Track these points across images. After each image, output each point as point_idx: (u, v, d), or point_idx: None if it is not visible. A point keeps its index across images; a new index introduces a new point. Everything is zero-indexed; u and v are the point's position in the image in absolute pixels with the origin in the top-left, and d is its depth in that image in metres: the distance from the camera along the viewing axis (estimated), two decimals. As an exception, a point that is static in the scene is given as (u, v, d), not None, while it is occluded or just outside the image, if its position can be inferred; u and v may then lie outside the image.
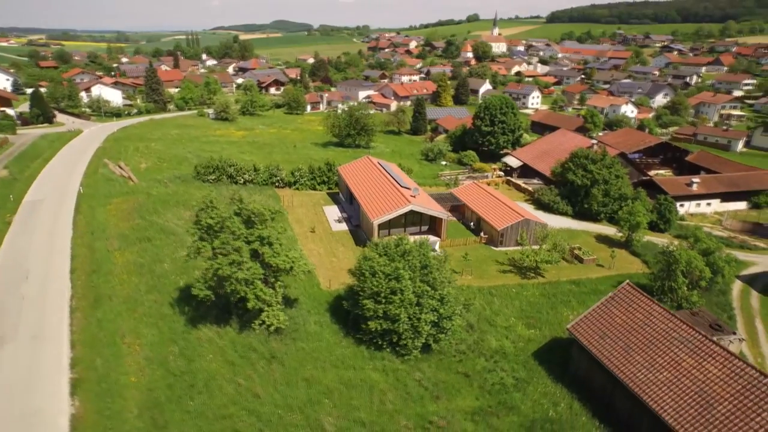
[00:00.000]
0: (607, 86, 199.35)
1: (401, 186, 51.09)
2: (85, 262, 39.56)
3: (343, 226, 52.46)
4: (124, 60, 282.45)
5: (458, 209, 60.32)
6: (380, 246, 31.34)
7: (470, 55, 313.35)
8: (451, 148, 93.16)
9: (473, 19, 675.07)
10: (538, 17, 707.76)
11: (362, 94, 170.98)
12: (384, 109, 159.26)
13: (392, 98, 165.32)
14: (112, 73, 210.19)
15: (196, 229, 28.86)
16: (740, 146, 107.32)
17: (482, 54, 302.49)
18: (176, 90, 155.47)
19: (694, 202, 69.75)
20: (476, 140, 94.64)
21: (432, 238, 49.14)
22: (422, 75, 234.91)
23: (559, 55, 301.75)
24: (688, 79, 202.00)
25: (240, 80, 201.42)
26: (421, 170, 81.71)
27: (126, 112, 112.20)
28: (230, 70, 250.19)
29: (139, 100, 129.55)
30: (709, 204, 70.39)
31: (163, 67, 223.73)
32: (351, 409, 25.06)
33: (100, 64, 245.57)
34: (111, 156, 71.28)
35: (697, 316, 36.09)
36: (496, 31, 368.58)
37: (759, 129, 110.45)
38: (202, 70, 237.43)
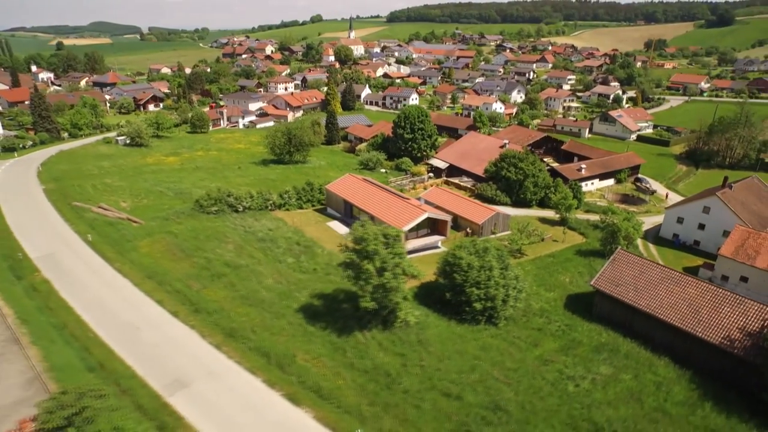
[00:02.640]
0: (467, 84, 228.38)
1: (404, 197, 61.33)
2: (178, 304, 42.53)
3: (358, 238, 60.78)
4: None
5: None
6: (464, 247, 41.92)
7: (332, 58, 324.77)
8: (386, 156, 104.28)
9: (317, 20, 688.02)
10: (378, 17, 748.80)
11: (253, 107, 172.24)
12: (283, 120, 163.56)
13: (287, 109, 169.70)
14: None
15: (355, 254, 36.10)
16: (587, 133, 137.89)
17: (344, 57, 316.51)
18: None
19: (583, 183, 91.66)
20: (400, 147, 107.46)
21: (436, 237, 60.51)
22: (297, 82, 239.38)
23: (414, 56, 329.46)
24: (528, 76, 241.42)
25: (107, 97, 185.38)
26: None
27: (20, 146, 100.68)
28: (83, 85, 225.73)
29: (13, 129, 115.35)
30: (592, 183, 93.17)
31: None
32: (499, 363, 35.65)
33: None
34: (73, 198, 67.79)
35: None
36: (353, 34, 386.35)
37: (597, 119, 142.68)
38: (56, 88, 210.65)
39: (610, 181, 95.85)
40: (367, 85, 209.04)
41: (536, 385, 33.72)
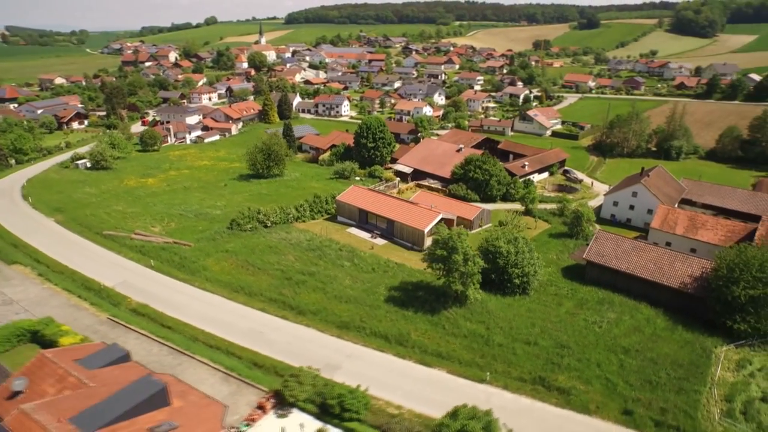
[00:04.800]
0: (387, 88, 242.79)
1: (413, 202, 73.41)
2: (281, 310, 50.75)
3: (381, 241, 71.56)
4: None
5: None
6: (500, 238, 55.25)
7: (246, 65, 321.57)
8: (358, 165, 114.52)
9: (212, 22, 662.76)
10: (275, 18, 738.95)
11: (191, 120, 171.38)
12: (227, 134, 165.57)
13: (229, 122, 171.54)
14: None
15: (442, 250, 47.55)
16: (509, 131, 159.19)
17: (259, 64, 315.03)
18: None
19: (527, 177, 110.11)
20: (363, 155, 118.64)
21: (445, 233, 73.37)
22: (220, 92, 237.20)
23: (328, 60, 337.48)
24: (441, 78, 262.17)
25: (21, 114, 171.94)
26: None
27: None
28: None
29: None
30: (533, 177, 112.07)
31: None
32: (546, 318, 49.56)
33: None
34: (95, 228, 70.03)
35: (602, 239, 71.00)
36: (263, 39, 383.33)
37: (517, 118, 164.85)
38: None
39: (545, 174, 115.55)
40: (297, 94, 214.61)
41: (576, 330, 48.27)
